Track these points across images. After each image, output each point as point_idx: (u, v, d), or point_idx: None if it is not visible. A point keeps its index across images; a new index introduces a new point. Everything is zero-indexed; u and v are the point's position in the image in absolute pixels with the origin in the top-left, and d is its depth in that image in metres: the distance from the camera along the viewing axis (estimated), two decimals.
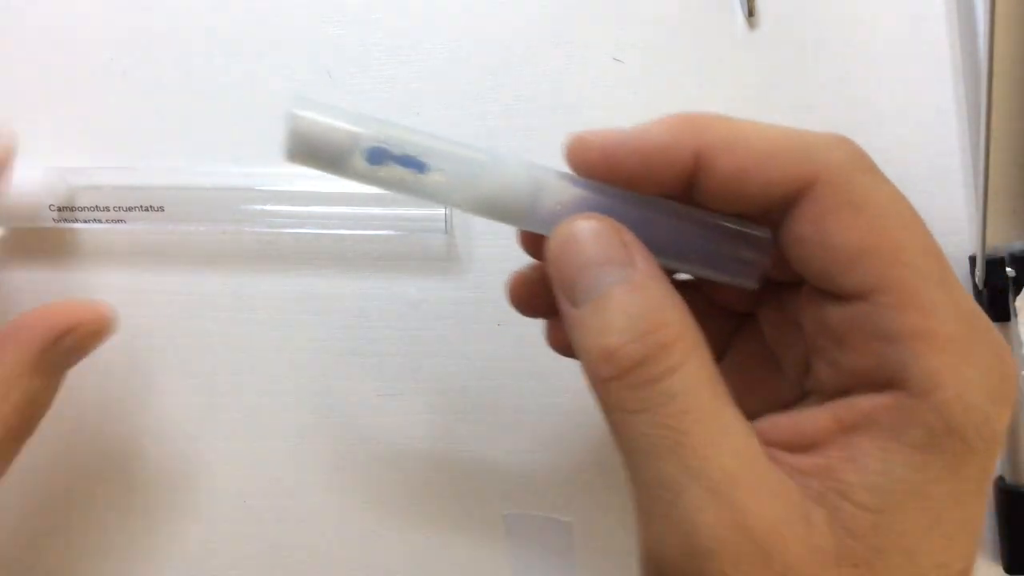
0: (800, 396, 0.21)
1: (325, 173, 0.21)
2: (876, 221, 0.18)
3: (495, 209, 0.21)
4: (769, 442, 0.19)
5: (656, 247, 0.20)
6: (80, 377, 0.32)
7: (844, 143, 0.20)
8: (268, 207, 0.30)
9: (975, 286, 0.30)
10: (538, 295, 0.25)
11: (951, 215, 0.31)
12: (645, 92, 0.32)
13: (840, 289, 0.19)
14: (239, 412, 0.31)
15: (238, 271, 0.32)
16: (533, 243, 0.24)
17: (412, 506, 0.31)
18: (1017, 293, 0.29)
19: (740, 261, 0.21)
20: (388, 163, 0.21)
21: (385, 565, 0.31)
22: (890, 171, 0.32)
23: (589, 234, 0.20)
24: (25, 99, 0.33)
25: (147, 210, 0.30)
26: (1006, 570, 0.30)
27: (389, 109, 0.32)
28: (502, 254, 0.31)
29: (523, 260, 0.31)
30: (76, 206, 0.30)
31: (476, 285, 0.31)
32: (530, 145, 0.32)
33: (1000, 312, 0.29)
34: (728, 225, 0.21)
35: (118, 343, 0.32)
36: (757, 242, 0.21)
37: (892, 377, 0.18)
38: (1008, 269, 0.29)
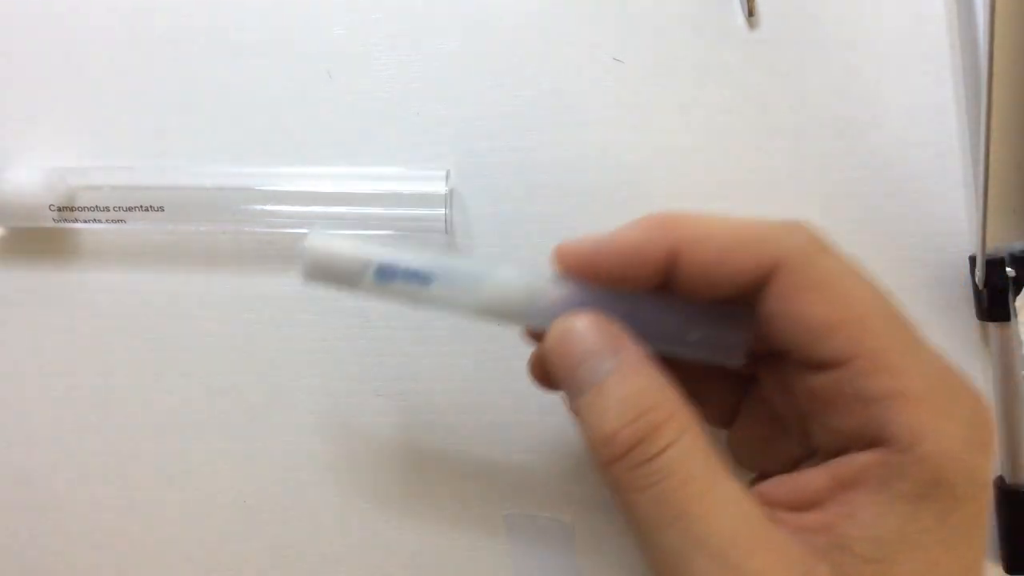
0: (808, 454, 0.22)
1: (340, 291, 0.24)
2: (839, 297, 0.20)
3: (495, 313, 0.24)
4: (773, 503, 0.21)
5: (643, 335, 0.22)
6: (80, 377, 0.32)
7: (802, 229, 0.22)
8: (268, 207, 0.30)
9: (975, 286, 0.30)
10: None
11: (951, 215, 0.31)
12: (645, 92, 0.32)
13: (817, 360, 0.20)
14: (239, 412, 0.31)
15: (238, 271, 0.32)
16: (537, 336, 0.26)
17: (412, 506, 0.31)
18: (1017, 293, 0.29)
19: (722, 341, 0.23)
20: (395, 280, 0.24)
21: (385, 565, 0.31)
22: (890, 171, 0.32)
23: (581, 330, 0.22)
24: (25, 99, 0.33)
25: (147, 210, 0.30)
26: (1006, 570, 0.30)
27: (389, 109, 0.32)
28: (502, 254, 0.31)
29: (521, 260, 0.31)
30: (76, 206, 0.30)
31: None
32: (530, 145, 0.32)
33: (1000, 312, 0.29)
34: (707, 310, 0.23)
35: (118, 343, 0.32)
36: (736, 322, 0.23)
37: (877, 435, 0.19)
38: (1008, 269, 0.29)
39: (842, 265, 0.21)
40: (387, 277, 0.24)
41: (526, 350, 0.31)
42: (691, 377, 0.25)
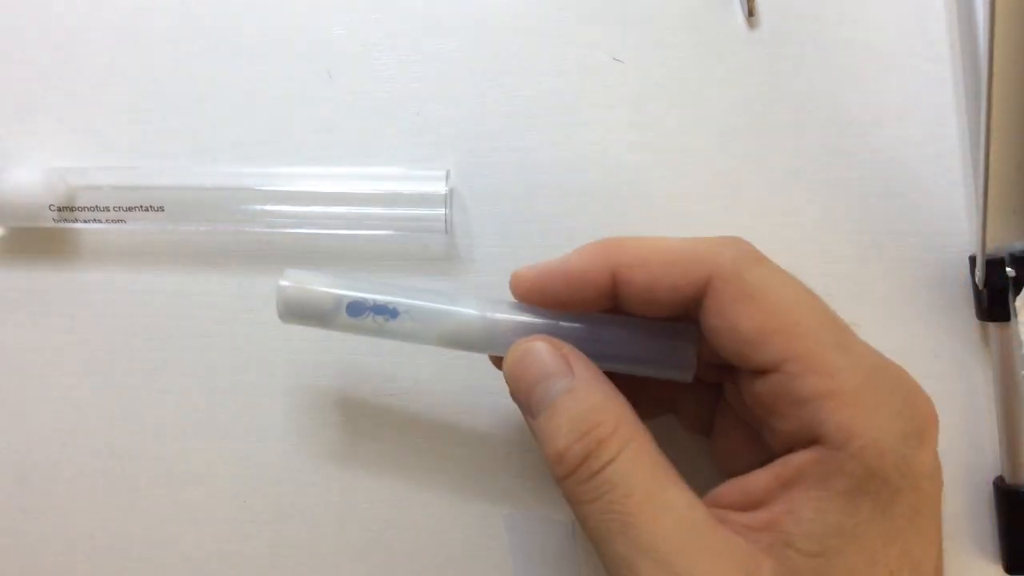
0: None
1: (313, 328, 0.26)
2: (769, 305, 0.21)
3: (457, 342, 0.25)
4: (724, 504, 0.22)
5: (595, 355, 0.24)
6: (80, 377, 0.32)
7: (734, 243, 0.23)
8: (268, 207, 0.30)
9: (975, 286, 0.30)
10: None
11: (951, 215, 0.31)
12: (645, 92, 0.32)
13: (755, 366, 0.22)
14: (239, 412, 0.31)
15: (238, 271, 0.32)
16: (499, 362, 0.27)
17: (412, 506, 0.31)
18: (1017, 293, 0.29)
19: (671, 358, 0.25)
20: (366, 314, 0.25)
21: (385, 565, 0.31)
22: (890, 171, 0.32)
23: (535, 353, 0.23)
24: (25, 99, 0.33)
25: (147, 210, 0.30)
26: (1006, 570, 0.30)
27: (389, 109, 0.32)
28: (502, 254, 0.31)
29: (520, 260, 0.31)
30: (76, 206, 0.30)
31: (476, 285, 0.31)
32: (530, 145, 0.32)
33: (1000, 312, 0.29)
34: (654, 328, 0.25)
35: (118, 343, 0.32)
36: (682, 338, 0.24)
37: (813, 434, 0.20)
38: (1008, 269, 0.29)
39: (773, 275, 0.22)
40: (358, 312, 0.25)
41: None
42: (666, 390, 0.26)
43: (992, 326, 0.30)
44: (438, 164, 0.32)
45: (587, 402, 0.22)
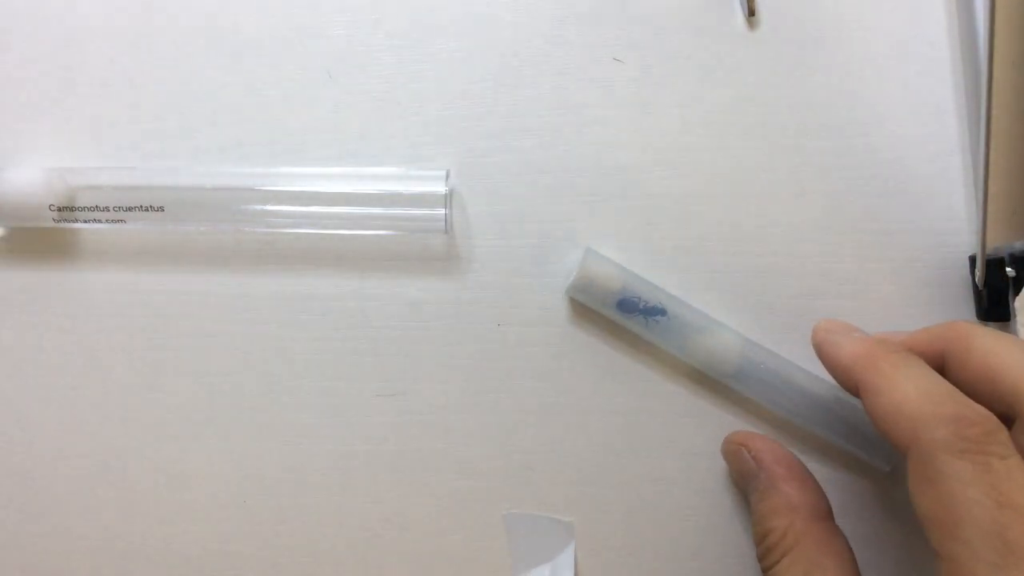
0: None
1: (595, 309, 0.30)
2: (944, 495, 0.21)
3: (710, 363, 0.30)
4: None
5: (820, 423, 0.30)
6: (80, 377, 0.32)
7: (943, 425, 0.22)
8: (268, 207, 0.30)
9: (975, 286, 0.30)
10: None
11: (951, 215, 0.31)
12: (645, 92, 0.32)
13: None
14: (239, 412, 0.31)
15: (238, 271, 0.32)
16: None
17: (412, 506, 0.31)
18: (1017, 293, 0.29)
19: (878, 448, 0.29)
20: (635, 313, 0.29)
21: (385, 565, 0.31)
22: (890, 171, 0.32)
23: (740, 454, 0.29)
24: (25, 99, 0.33)
25: (147, 210, 0.30)
26: None
27: (389, 109, 0.32)
28: (502, 254, 0.31)
29: (520, 260, 0.31)
30: (76, 206, 0.30)
31: (476, 285, 0.31)
32: (530, 145, 0.32)
33: (1000, 312, 0.29)
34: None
35: (118, 343, 0.32)
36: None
37: None
38: (1008, 269, 0.29)
39: (967, 469, 0.22)
40: (628, 309, 0.29)
41: (526, 351, 0.31)
42: None
43: (992, 326, 0.30)
44: (438, 164, 0.32)
45: (767, 507, 0.27)
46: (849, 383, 0.25)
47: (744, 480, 0.29)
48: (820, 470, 0.30)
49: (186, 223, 0.31)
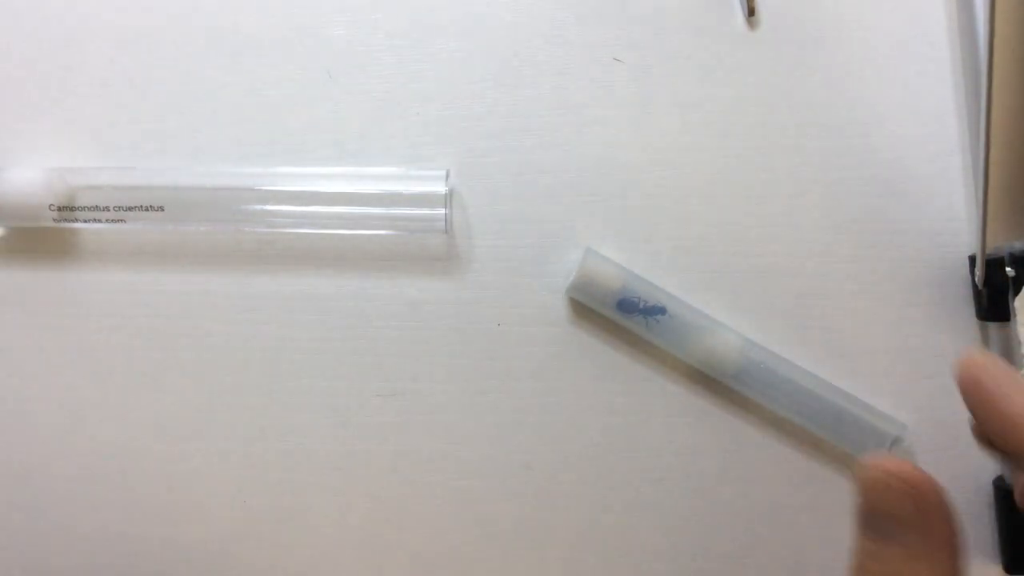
0: None
1: (595, 309, 0.30)
2: None
3: (709, 363, 0.29)
4: None
5: None
6: (80, 377, 0.32)
7: None
8: (268, 207, 0.30)
9: (975, 286, 0.30)
10: None
11: (951, 215, 0.31)
12: (645, 92, 0.32)
13: None
14: (239, 412, 0.31)
15: (238, 271, 0.32)
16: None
17: (412, 506, 0.31)
18: (1017, 293, 0.29)
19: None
20: (635, 313, 0.29)
21: (385, 565, 0.31)
22: (890, 171, 0.32)
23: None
24: (25, 99, 0.33)
25: (147, 210, 0.30)
26: (1006, 570, 0.30)
27: (389, 109, 0.32)
28: (502, 254, 0.31)
29: (520, 260, 0.31)
30: (76, 206, 0.30)
31: (476, 285, 0.31)
32: (530, 145, 0.32)
33: (1000, 312, 0.29)
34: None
35: (118, 343, 0.32)
36: None
37: None
38: (1008, 269, 0.29)
39: None
40: (628, 309, 0.29)
41: (526, 351, 0.31)
42: None
43: (992, 326, 0.30)
44: (438, 164, 0.32)
45: None
46: (1011, 444, 0.22)
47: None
48: (819, 470, 0.30)
49: (186, 223, 0.31)
